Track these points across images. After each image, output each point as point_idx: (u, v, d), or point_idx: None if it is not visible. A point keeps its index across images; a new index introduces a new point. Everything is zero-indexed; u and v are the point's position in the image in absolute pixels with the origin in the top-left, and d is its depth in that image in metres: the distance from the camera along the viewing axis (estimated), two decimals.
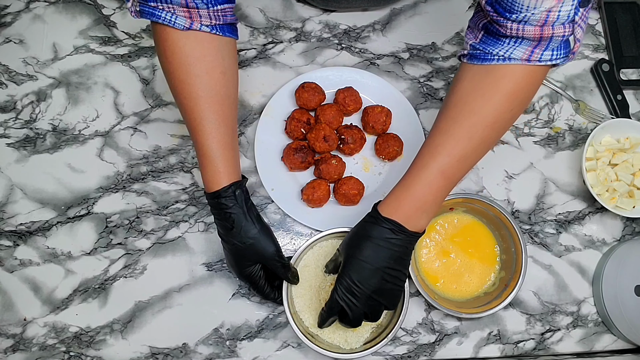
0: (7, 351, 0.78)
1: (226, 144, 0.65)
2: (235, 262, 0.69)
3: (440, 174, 0.61)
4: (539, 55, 0.58)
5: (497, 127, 0.62)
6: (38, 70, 0.89)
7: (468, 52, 0.63)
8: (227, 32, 0.64)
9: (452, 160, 0.61)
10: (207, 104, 0.63)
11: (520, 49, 0.58)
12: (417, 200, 0.62)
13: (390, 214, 0.63)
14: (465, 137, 0.61)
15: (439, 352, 0.81)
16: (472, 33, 0.64)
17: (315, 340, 0.73)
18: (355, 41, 0.93)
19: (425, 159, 0.63)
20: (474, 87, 0.62)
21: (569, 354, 0.83)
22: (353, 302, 0.64)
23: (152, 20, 0.61)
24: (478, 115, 0.61)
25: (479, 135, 0.61)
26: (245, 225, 0.66)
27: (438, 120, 0.64)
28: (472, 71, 0.62)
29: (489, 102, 0.61)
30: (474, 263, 0.82)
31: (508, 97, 0.61)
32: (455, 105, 0.63)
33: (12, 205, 0.84)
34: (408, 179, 0.63)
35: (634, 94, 0.94)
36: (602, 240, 0.87)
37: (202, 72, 0.62)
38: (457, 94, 0.63)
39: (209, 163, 0.65)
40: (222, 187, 0.65)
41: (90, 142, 0.87)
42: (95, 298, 0.81)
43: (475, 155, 0.63)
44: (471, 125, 0.61)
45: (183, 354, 0.79)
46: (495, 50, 0.59)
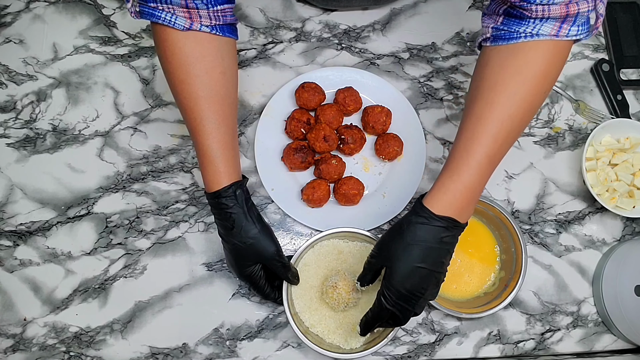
0: (7, 351, 0.78)
1: (226, 144, 0.65)
2: (235, 262, 0.69)
3: (487, 158, 0.60)
4: (567, 31, 0.58)
5: (533, 106, 0.61)
6: (38, 70, 0.89)
7: (491, 34, 0.62)
8: (227, 32, 0.64)
9: (496, 144, 0.60)
10: (207, 103, 0.63)
11: (548, 25, 0.58)
12: (468, 189, 0.60)
13: (444, 210, 0.60)
14: (505, 119, 0.59)
15: (439, 352, 0.81)
16: (490, 18, 0.62)
17: (315, 340, 0.73)
18: (355, 41, 0.93)
19: (468, 146, 0.60)
20: (505, 68, 0.60)
21: (569, 354, 0.83)
22: (407, 308, 0.61)
23: (152, 21, 0.61)
24: (515, 96, 0.59)
25: (519, 116, 0.60)
26: (245, 225, 0.66)
27: (471, 105, 0.62)
28: (499, 52, 0.61)
29: (524, 82, 0.59)
30: (474, 263, 0.82)
31: (542, 73, 0.60)
32: (489, 89, 0.61)
33: (12, 205, 0.84)
34: (453, 169, 0.60)
35: (634, 94, 0.94)
36: (602, 240, 0.87)
37: (201, 72, 0.62)
38: (488, 77, 0.61)
39: (209, 163, 0.65)
40: (223, 187, 0.65)
41: (90, 142, 0.87)
42: (95, 298, 0.81)
43: (514, 136, 0.62)
44: (509, 107, 0.59)
45: (183, 354, 0.79)
46: (522, 29, 0.59)
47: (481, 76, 0.63)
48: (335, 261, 0.77)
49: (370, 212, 0.83)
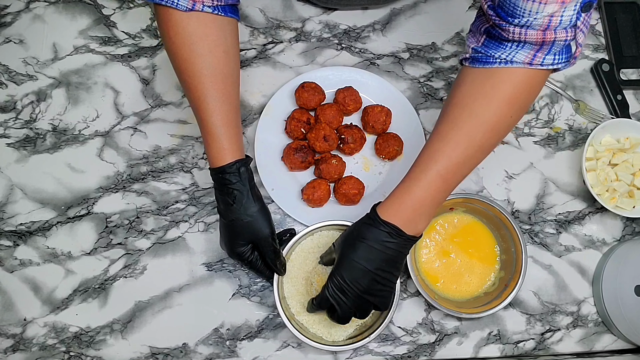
0: (7, 351, 0.78)
1: (230, 122, 0.66)
2: (229, 239, 0.70)
3: (439, 177, 0.62)
4: (541, 59, 0.58)
5: (497, 131, 0.62)
6: (38, 70, 0.89)
7: (470, 55, 0.63)
8: (229, 12, 0.65)
9: (450, 164, 0.62)
10: (210, 82, 0.64)
11: (523, 53, 0.58)
12: (416, 203, 0.62)
13: (389, 217, 0.63)
14: (465, 141, 0.61)
15: (439, 352, 0.81)
16: (474, 37, 0.64)
17: (300, 328, 0.73)
18: (355, 41, 0.93)
19: (424, 163, 0.63)
20: (474, 91, 0.62)
21: (569, 354, 0.83)
22: (343, 300, 0.65)
23: (155, 3, 0.62)
24: (477, 119, 0.61)
25: (479, 139, 0.61)
26: (246, 202, 0.67)
27: (438, 123, 0.65)
28: (473, 74, 0.63)
29: (488, 106, 0.61)
30: (474, 263, 0.82)
31: (508, 101, 0.61)
32: (455, 109, 0.63)
33: (12, 205, 0.84)
34: (407, 182, 0.64)
35: (634, 94, 0.94)
36: (602, 240, 0.87)
37: (205, 51, 0.63)
38: (458, 97, 0.63)
39: (213, 140, 0.66)
40: (227, 163, 0.66)
41: (90, 142, 0.87)
42: (95, 298, 0.81)
43: (474, 159, 0.64)
44: (470, 129, 0.61)
45: (183, 354, 0.79)
46: (498, 54, 0.60)
47: (454, 94, 0.64)
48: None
49: None
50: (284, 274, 0.75)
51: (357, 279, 0.63)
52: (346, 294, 0.64)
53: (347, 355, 0.80)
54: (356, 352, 0.80)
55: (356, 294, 0.64)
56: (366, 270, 0.63)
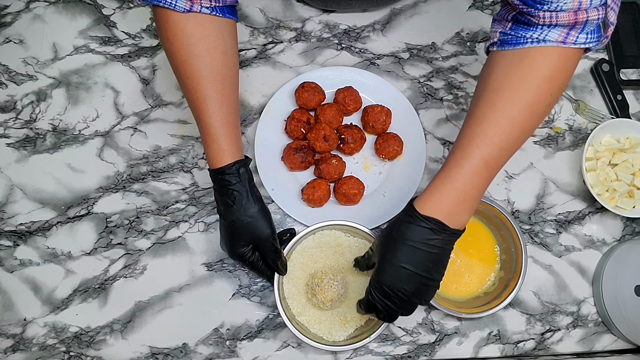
0: (7, 351, 0.78)
1: (229, 123, 0.66)
2: (229, 240, 0.70)
3: (483, 163, 0.58)
4: (575, 38, 0.57)
5: (538, 112, 0.60)
6: (38, 70, 0.89)
7: (498, 39, 0.61)
8: (227, 13, 0.65)
9: (494, 149, 0.58)
10: (209, 83, 0.64)
11: (555, 32, 0.57)
12: (460, 194, 0.58)
13: (431, 211, 0.58)
14: (507, 124, 0.58)
15: (439, 352, 0.81)
16: (499, 24, 0.62)
17: (300, 328, 0.73)
18: (355, 41, 0.93)
19: (466, 149, 0.59)
20: (510, 73, 0.59)
21: (569, 354, 0.83)
22: (389, 305, 0.61)
23: (153, 4, 0.62)
24: (518, 100, 0.58)
25: (521, 121, 0.58)
26: (246, 203, 0.67)
27: (474, 108, 0.61)
28: (505, 57, 0.60)
29: (528, 87, 0.58)
30: (474, 263, 0.82)
31: (547, 80, 0.58)
32: (492, 92, 0.60)
33: (12, 205, 0.84)
34: (447, 171, 0.59)
35: (634, 94, 0.94)
36: (602, 240, 0.87)
37: (203, 52, 0.64)
38: (493, 81, 0.60)
39: (212, 141, 0.66)
40: (226, 164, 0.66)
41: (90, 142, 0.87)
42: (95, 298, 0.81)
43: (517, 143, 0.60)
44: (512, 112, 0.58)
45: (183, 354, 0.79)
46: (529, 34, 0.58)
47: (485, 79, 0.62)
48: (333, 253, 0.78)
49: (370, 211, 0.83)
50: (285, 273, 0.75)
51: (403, 283, 0.59)
52: (391, 299, 0.60)
53: (347, 355, 0.80)
54: (356, 352, 0.80)
55: (402, 299, 0.60)
56: (412, 273, 0.59)
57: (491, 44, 0.63)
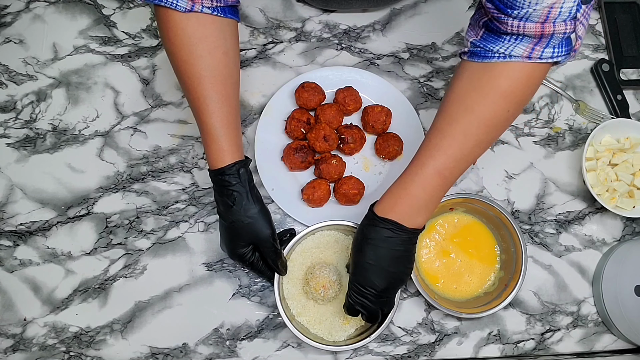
0: (7, 351, 0.78)
1: (229, 123, 0.66)
2: (229, 240, 0.70)
3: (436, 173, 0.62)
4: (540, 53, 0.58)
5: (494, 126, 0.62)
6: (38, 70, 0.89)
7: (469, 49, 0.63)
8: (229, 13, 0.65)
9: (448, 160, 0.61)
10: (210, 83, 0.64)
11: (521, 46, 0.58)
12: (414, 199, 0.63)
13: (386, 213, 0.63)
14: (461, 136, 0.61)
15: (439, 352, 0.81)
16: (473, 30, 0.63)
17: (300, 329, 0.74)
18: (355, 41, 0.93)
19: (422, 159, 0.63)
20: (471, 85, 0.61)
21: (569, 354, 0.83)
22: (366, 304, 0.66)
23: (154, 4, 0.62)
24: (474, 113, 0.60)
25: (475, 134, 0.61)
26: (246, 204, 0.67)
27: (436, 119, 0.64)
28: (470, 69, 0.62)
29: (485, 101, 0.60)
30: (474, 263, 0.82)
31: (505, 95, 0.60)
32: (452, 104, 0.62)
33: (12, 205, 0.84)
34: (405, 178, 0.64)
35: (634, 94, 0.94)
36: (602, 240, 0.87)
37: (204, 53, 0.63)
38: (455, 92, 0.63)
39: (212, 142, 0.66)
40: (227, 164, 0.66)
41: (90, 142, 0.87)
42: (95, 298, 0.81)
43: (472, 155, 0.63)
44: (466, 124, 0.61)
45: (183, 354, 0.79)
46: (496, 48, 0.59)
47: (452, 88, 0.64)
48: (333, 253, 0.78)
49: None
50: (285, 273, 0.75)
51: (373, 280, 0.64)
52: (367, 297, 0.65)
53: (347, 355, 0.80)
54: (356, 352, 0.80)
55: (376, 294, 0.65)
56: (378, 269, 0.64)
57: (462, 52, 0.64)
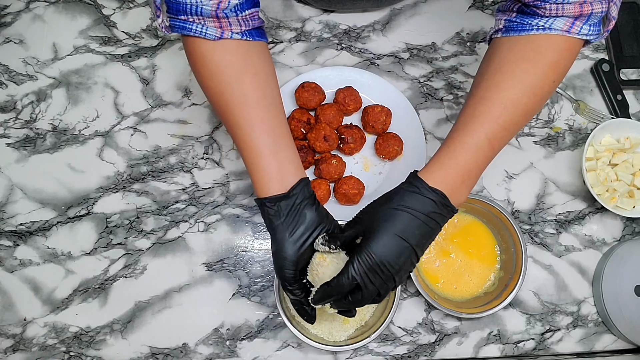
0: (7, 351, 0.78)
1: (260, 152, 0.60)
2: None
3: (487, 141, 0.58)
4: (579, 28, 0.59)
5: (541, 96, 0.61)
6: (38, 70, 0.89)
7: (504, 26, 0.62)
8: (257, 36, 0.63)
9: (498, 127, 0.58)
10: (241, 110, 0.61)
11: (561, 21, 0.58)
12: (465, 170, 0.58)
13: (437, 184, 0.57)
14: (510, 105, 0.59)
15: (439, 352, 0.81)
16: (504, 14, 0.63)
17: (301, 329, 0.74)
18: (355, 41, 0.93)
19: (470, 126, 0.59)
20: (515, 56, 0.60)
21: (569, 354, 0.83)
22: (372, 282, 0.56)
23: (183, 34, 0.60)
24: (523, 83, 0.59)
25: (524, 103, 0.59)
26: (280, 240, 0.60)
27: (477, 88, 0.62)
28: (509, 42, 0.61)
29: (533, 70, 0.59)
30: (474, 263, 0.82)
31: (552, 65, 0.60)
32: (497, 73, 0.60)
33: (12, 205, 0.84)
34: (453, 146, 0.59)
35: (634, 94, 0.94)
36: (602, 240, 0.87)
37: (232, 79, 0.61)
38: (497, 63, 0.61)
39: (250, 171, 0.62)
40: (263, 196, 0.60)
41: (90, 142, 0.87)
42: (95, 298, 0.81)
43: (518, 124, 0.61)
44: (516, 93, 0.59)
45: (183, 354, 0.79)
46: (535, 22, 0.59)
47: (489, 61, 0.62)
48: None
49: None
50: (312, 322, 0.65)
51: (397, 256, 0.55)
52: (377, 275, 0.55)
53: (347, 355, 0.80)
54: (356, 352, 0.80)
55: (388, 275, 0.56)
56: (406, 246, 0.55)
57: (495, 31, 0.63)
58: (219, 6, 0.58)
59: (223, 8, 0.58)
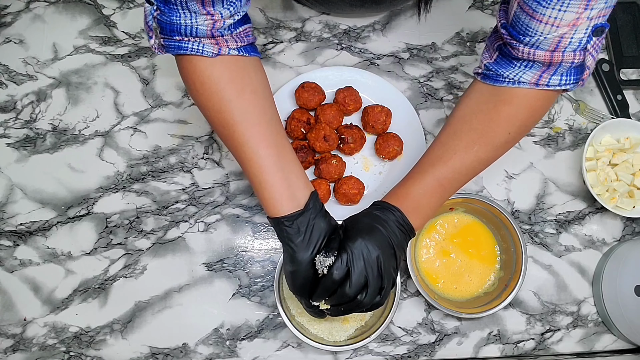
0: (7, 351, 0.78)
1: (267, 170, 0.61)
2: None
3: (437, 182, 0.64)
4: (547, 80, 0.60)
5: (494, 146, 0.65)
6: (38, 70, 0.89)
7: (482, 71, 0.65)
8: (251, 51, 0.63)
9: (448, 172, 0.64)
10: (244, 128, 0.61)
11: (530, 73, 0.60)
12: (414, 202, 0.64)
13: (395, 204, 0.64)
14: (463, 152, 0.64)
15: (439, 352, 0.81)
16: (487, 52, 0.65)
17: (301, 329, 0.74)
18: (355, 41, 0.93)
19: (424, 167, 0.65)
20: (478, 106, 0.65)
21: (569, 354, 0.83)
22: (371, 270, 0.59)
23: (178, 54, 0.60)
24: (476, 133, 0.64)
25: (476, 151, 0.64)
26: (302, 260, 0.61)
27: (441, 132, 0.67)
28: (481, 90, 0.65)
29: (489, 122, 0.64)
30: (474, 263, 0.82)
31: (507, 119, 0.63)
32: (458, 120, 0.66)
33: (12, 205, 0.84)
34: (407, 183, 0.66)
35: (634, 94, 0.94)
36: (602, 240, 0.87)
37: (233, 96, 0.60)
38: (463, 109, 0.66)
39: (257, 190, 0.62)
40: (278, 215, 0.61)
41: (90, 142, 0.87)
42: (95, 298, 0.81)
43: (471, 170, 0.66)
44: (469, 142, 0.64)
45: (183, 354, 0.79)
46: (507, 73, 0.61)
47: (460, 106, 0.67)
48: None
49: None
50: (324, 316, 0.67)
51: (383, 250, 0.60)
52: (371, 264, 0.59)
53: (347, 355, 0.80)
54: (356, 352, 0.80)
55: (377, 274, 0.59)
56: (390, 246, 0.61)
57: (477, 72, 0.67)
58: (214, 26, 0.57)
59: (219, 27, 0.58)
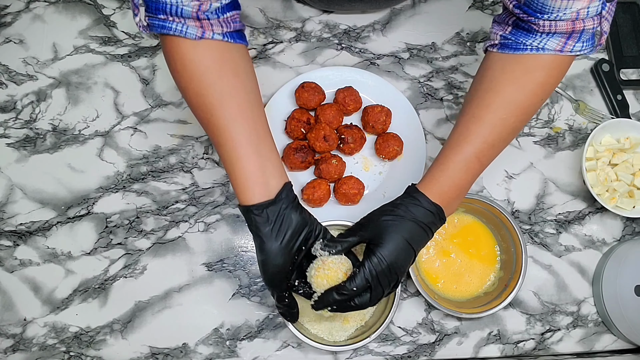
0: (7, 351, 0.78)
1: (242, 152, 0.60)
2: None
3: (477, 159, 0.63)
4: (572, 47, 0.60)
5: (528, 113, 0.64)
6: (38, 70, 0.89)
7: (498, 42, 0.64)
8: (237, 38, 0.62)
9: (486, 146, 0.63)
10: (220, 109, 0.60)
11: (554, 41, 0.60)
12: (458, 186, 0.63)
13: (435, 199, 0.62)
14: (499, 123, 0.63)
15: (439, 352, 0.81)
16: (499, 26, 0.65)
17: (301, 329, 0.73)
18: (355, 41, 0.93)
19: (460, 144, 0.63)
20: (506, 76, 0.63)
21: (569, 354, 0.83)
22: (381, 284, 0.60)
23: (161, 33, 0.59)
24: (511, 103, 0.63)
25: (512, 122, 0.63)
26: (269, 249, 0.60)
27: (469, 106, 0.65)
28: (502, 59, 0.64)
29: (522, 91, 0.62)
30: (474, 263, 0.82)
31: (540, 86, 0.63)
32: (487, 92, 0.64)
33: (12, 205, 0.84)
34: (446, 164, 0.63)
35: (634, 94, 0.94)
36: (602, 240, 0.87)
37: (215, 79, 0.60)
38: (488, 81, 0.64)
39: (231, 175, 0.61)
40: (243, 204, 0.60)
41: (90, 142, 0.87)
42: (95, 298, 0.81)
43: (506, 141, 0.65)
44: (505, 113, 0.63)
45: (183, 354, 0.79)
46: (529, 41, 0.61)
47: (481, 78, 0.66)
48: None
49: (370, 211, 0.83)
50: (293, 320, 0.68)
51: (403, 259, 0.60)
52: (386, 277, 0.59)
53: (347, 355, 0.80)
54: (356, 352, 0.80)
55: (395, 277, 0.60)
56: (412, 253, 0.61)
57: (491, 45, 0.65)
58: (200, 8, 0.57)
59: (204, 10, 0.57)
